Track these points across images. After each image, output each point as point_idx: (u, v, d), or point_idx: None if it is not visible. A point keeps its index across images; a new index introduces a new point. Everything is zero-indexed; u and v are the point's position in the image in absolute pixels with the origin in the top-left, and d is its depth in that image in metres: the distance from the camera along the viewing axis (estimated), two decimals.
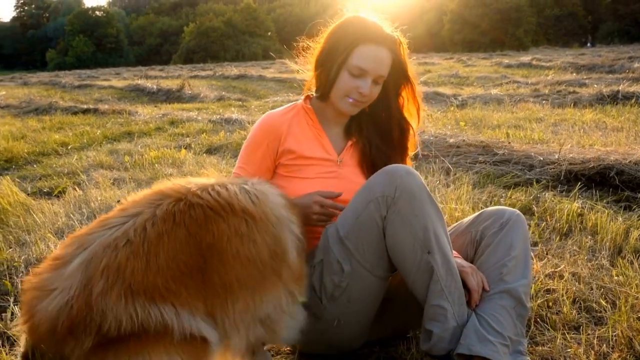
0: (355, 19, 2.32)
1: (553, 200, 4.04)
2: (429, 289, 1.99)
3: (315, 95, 2.44)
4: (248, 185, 1.87)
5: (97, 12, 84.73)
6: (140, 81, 20.66)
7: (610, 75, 15.21)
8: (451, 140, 6.07)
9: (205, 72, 27.96)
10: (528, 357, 2.01)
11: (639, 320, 2.37)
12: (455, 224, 2.41)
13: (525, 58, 25.49)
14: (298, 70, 2.51)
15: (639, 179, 4.44)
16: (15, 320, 2.54)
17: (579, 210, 3.78)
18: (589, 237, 3.40)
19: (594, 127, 7.15)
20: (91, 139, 8.32)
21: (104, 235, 1.62)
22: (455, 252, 2.17)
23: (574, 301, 2.66)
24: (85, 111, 11.96)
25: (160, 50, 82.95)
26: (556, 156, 5.06)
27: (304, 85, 2.54)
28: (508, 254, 2.11)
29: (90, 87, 21.20)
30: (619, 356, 2.22)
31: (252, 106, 12.48)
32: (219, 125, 9.01)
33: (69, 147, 7.71)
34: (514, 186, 4.61)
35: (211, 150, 7.04)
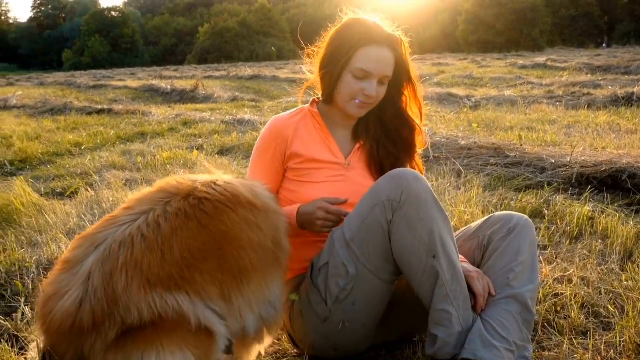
0: (355, 21, 2.32)
1: (564, 204, 4.02)
2: (434, 293, 1.99)
3: (320, 99, 2.45)
4: (244, 180, 2.02)
5: (113, 13, 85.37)
6: (154, 81, 20.75)
7: (626, 77, 15.10)
8: (463, 142, 6.05)
9: (219, 73, 28.04)
10: None
11: None
12: (464, 229, 2.40)
13: (540, 59, 25.33)
14: (311, 71, 2.51)
15: None
16: (25, 321, 2.57)
17: (589, 214, 3.75)
18: (600, 241, 3.38)
19: (608, 130, 7.11)
20: (105, 140, 8.37)
21: (116, 232, 1.68)
22: (461, 257, 2.17)
23: (582, 306, 2.65)
24: (99, 111, 12.05)
25: (176, 50, 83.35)
26: (568, 159, 5.03)
27: (303, 84, 2.55)
28: (515, 259, 2.10)
29: (105, 88, 21.33)
30: None
31: (265, 107, 12.50)
32: (232, 126, 9.03)
33: (83, 148, 7.77)
34: (525, 189, 4.59)
35: (223, 151, 7.07)
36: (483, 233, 2.25)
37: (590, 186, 4.44)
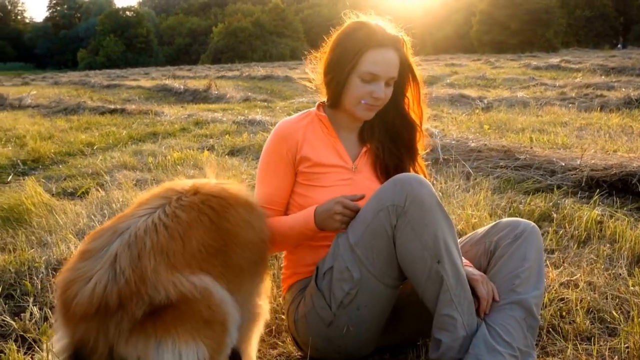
0: (358, 24, 2.32)
1: (573, 207, 3.99)
2: (439, 298, 1.99)
3: (326, 103, 2.45)
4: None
5: (128, 13, 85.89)
6: (167, 81, 20.86)
7: None
8: (473, 144, 6.03)
9: (232, 73, 28.10)
10: None
11: None
12: (470, 234, 2.41)
13: (554, 60, 25.18)
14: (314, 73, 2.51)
15: None
16: (33, 321, 2.60)
17: (598, 218, 3.74)
18: (607, 245, 3.37)
19: (620, 132, 7.06)
20: (117, 140, 8.43)
21: (138, 222, 1.72)
22: (466, 261, 2.17)
23: (587, 311, 2.64)
24: (112, 111, 12.12)
25: (190, 50, 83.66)
26: (578, 162, 5.00)
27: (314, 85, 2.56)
28: (521, 265, 2.10)
29: (119, 87, 21.44)
30: None
31: (277, 107, 12.52)
32: (243, 127, 9.06)
33: (95, 148, 7.82)
34: (534, 192, 4.57)
35: (234, 151, 7.08)
36: (490, 239, 2.25)
37: (600, 189, 4.41)
